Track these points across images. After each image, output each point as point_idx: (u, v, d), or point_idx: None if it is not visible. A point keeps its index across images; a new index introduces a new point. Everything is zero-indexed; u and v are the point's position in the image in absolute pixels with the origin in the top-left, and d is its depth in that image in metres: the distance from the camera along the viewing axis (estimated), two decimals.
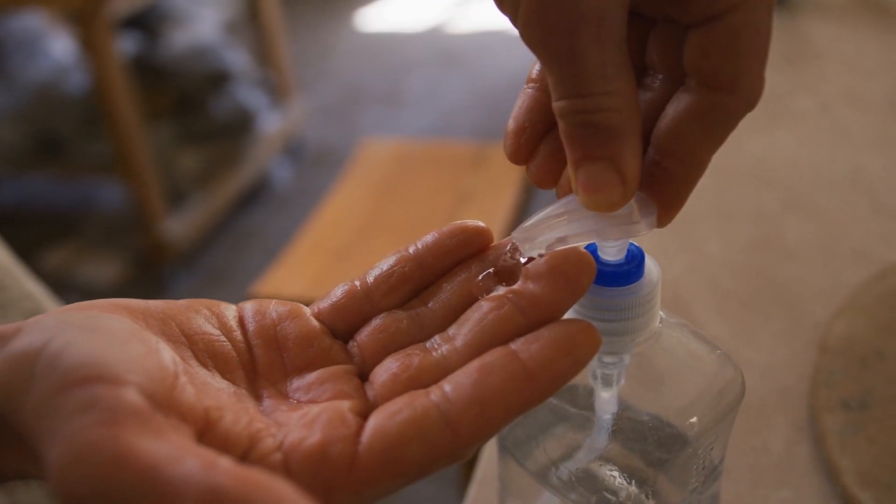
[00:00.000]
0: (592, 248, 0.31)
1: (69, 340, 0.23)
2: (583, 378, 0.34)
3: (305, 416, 0.25)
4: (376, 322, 0.29)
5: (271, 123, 2.42)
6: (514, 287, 0.27)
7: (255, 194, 2.44)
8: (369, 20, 3.63)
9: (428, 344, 0.28)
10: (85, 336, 0.24)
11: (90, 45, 1.80)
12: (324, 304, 0.30)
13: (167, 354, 0.25)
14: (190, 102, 2.21)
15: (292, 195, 2.47)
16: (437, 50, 3.31)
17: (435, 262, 0.30)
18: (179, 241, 2.03)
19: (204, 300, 0.30)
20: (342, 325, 0.30)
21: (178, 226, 2.04)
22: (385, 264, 0.30)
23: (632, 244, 0.31)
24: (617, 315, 0.31)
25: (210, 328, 0.29)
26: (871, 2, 0.98)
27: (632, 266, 0.31)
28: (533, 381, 0.25)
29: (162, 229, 1.99)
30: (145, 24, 2.23)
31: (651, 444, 0.33)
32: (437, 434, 0.24)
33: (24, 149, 2.11)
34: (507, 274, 0.29)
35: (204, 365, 0.27)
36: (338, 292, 0.31)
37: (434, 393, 0.25)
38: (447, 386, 0.25)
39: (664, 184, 0.28)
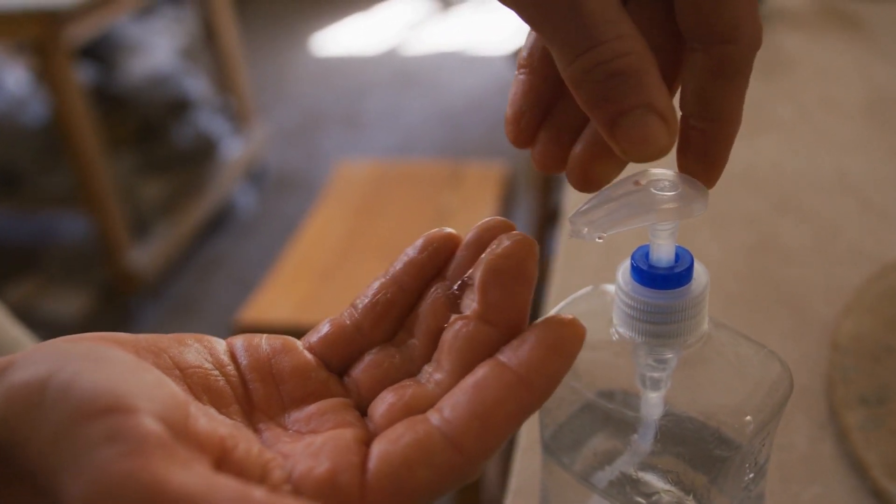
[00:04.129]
0: (644, 251, 0.32)
1: (78, 370, 0.23)
2: (630, 380, 0.34)
3: (311, 446, 0.25)
4: (369, 358, 0.29)
5: (233, 149, 2.41)
6: (473, 305, 0.27)
7: (220, 221, 2.42)
8: (325, 44, 3.63)
9: (420, 375, 0.28)
10: (93, 366, 0.23)
11: (49, 74, 1.77)
12: (314, 338, 0.30)
13: (174, 384, 0.25)
14: (151, 131, 2.18)
15: (257, 221, 2.45)
16: (393, 71, 3.32)
17: (413, 281, 0.30)
18: (145, 272, 2.00)
19: (192, 334, 0.29)
20: (335, 359, 0.30)
21: (144, 256, 2.01)
22: (369, 291, 0.30)
23: (679, 247, 0.32)
24: (668, 318, 0.31)
25: (203, 362, 0.28)
26: (837, 12, 1.01)
27: (682, 269, 0.31)
28: (528, 387, 0.24)
29: (127, 260, 1.96)
30: (99, 54, 2.20)
31: (704, 446, 0.33)
32: (442, 455, 0.24)
33: None
34: (463, 293, 0.29)
35: (199, 399, 0.27)
36: (327, 326, 0.30)
37: (433, 416, 0.25)
38: (445, 407, 0.25)
39: (705, 145, 0.28)
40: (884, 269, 0.57)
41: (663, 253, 0.31)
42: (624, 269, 0.32)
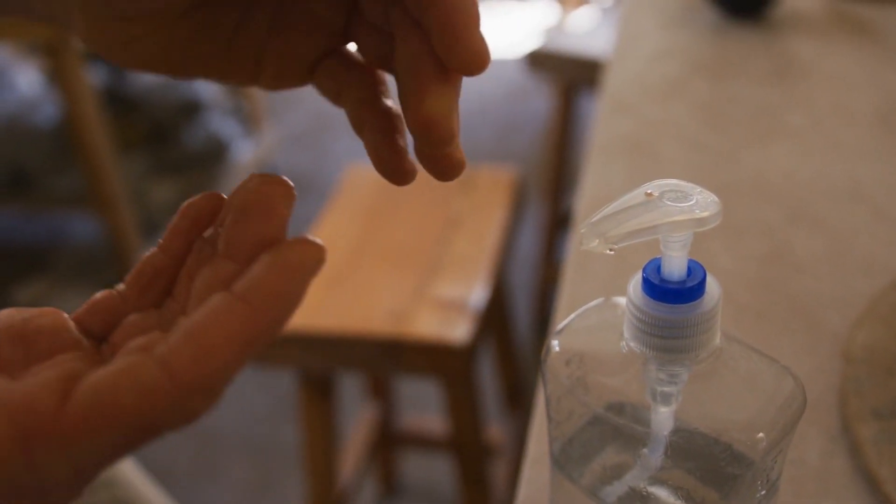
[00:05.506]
0: (655, 264, 0.31)
1: None
2: (640, 394, 0.33)
3: (21, 379, 0.25)
4: (127, 321, 0.29)
5: (244, 152, 2.41)
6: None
7: None
8: None
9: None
10: None
11: (61, 75, 1.77)
12: (82, 308, 0.30)
13: None
14: (162, 133, 2.18)
15: None
16: None
17: (180, 247, 0.30)
18: None
19: None
20: (98, 325, 0.29)
21: None
22: (139, 261, 0.30)
23: (692, 261, 0.31)
24: (680, 332, 0.31)
25: None
26: (850, 18, 1.00)
27: (694, 283, 0.31)
28: (246, 305, 0.24)
29: (137, 261, 1.96)
30: None
31: (715, 462, 0.32)
32: (150, 377, 0.23)
33: None
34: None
35: None
36: (97, 296, 0.30)
37: (157, 346, 0.24)
38: (168, 336, 0.24)
39: (448, 14, 0.28)
40: None
41: (675, 266, 0.31)
42: (635, 283, 0.32)
